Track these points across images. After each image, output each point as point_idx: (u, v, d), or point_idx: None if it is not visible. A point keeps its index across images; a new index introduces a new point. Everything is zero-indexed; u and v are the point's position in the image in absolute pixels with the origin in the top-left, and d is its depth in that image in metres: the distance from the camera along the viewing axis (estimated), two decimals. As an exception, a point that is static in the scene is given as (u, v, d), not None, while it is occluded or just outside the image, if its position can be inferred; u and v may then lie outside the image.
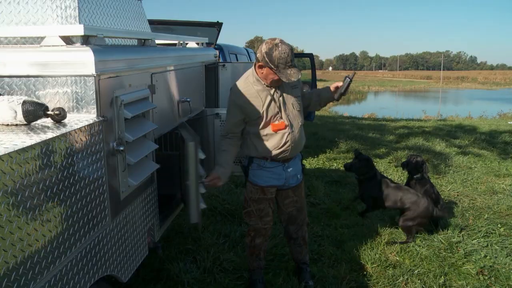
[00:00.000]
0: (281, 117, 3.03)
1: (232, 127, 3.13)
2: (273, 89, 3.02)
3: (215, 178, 3.08)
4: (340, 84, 3.19)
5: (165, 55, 3.12)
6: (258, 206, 3.25)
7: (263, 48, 2.89)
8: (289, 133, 3.05)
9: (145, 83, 2.67)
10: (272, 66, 2.86)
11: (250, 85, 3.03)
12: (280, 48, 2.83)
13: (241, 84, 3.07)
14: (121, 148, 2.25)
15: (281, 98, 3.03)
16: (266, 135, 3.05)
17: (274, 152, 3.07)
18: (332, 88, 3.26)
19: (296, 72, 2.86)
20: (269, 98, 3.00)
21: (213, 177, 3.08)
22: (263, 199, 3.22)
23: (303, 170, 3.37)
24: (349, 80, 3.16)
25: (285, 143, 3.06)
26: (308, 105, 3.37)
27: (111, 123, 2.21)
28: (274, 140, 3.05)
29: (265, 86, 3.00)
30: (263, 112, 2.99)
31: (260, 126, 3.04)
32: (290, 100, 3.08)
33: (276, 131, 3.04)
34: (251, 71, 3.07)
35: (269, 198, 3.25)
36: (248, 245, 3.43)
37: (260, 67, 2.95)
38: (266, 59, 2.86)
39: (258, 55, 2.94)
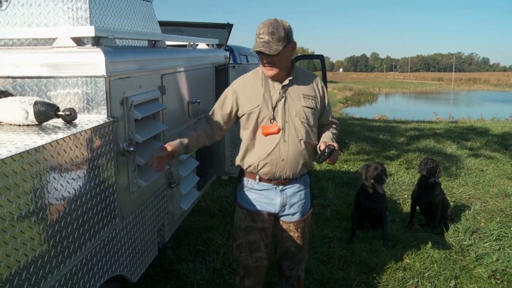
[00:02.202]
0: (274, 119, 2.52)
1: (219, 110, 2.61)
2: (277, 88, 2.54)
3: (166, 152, 2.35)
4: (322, 147, 2.50)
5: (175, 56, 3.13)
6: (247, 238, 2.70)
7: None
8: (278, 142, 2.51)
9: (155, 84, 2.68)
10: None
11: (258, 76, 2.60)
12: (262, 23, 2.42)
13: (248, 73, 2.68)
14: (131, 149, 2.26)
15: (282, 100, 2.52)
16: (255, 139, 2.57)
17: (258, 163, 2.55)
18: (319, 146, 2.59)
19: (260, 44, 2.37)
20: (268, 94, 2.53)
21: (164, 153, 2.34)
22: (252, 228, 2.68)
23: (312, 199, 2.81)
24: (326, 151, 2.43)
25: (271, 152, 2.51)
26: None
27: (121, 124, 2.22)
28: (263, 146, 2.54)
29: (272, 82, 2.55)
30: (257, 106, 2.51)
31: (252, 127, 2.55)
32: (295, 107, 2.53)
33: (266, 135, 2.52)
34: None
35: (261, 228, 2.68)
36: (237, 286, 2.91)
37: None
38: None
39: None
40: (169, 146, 2.36)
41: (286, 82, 2.54)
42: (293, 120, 2.53)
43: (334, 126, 2.80)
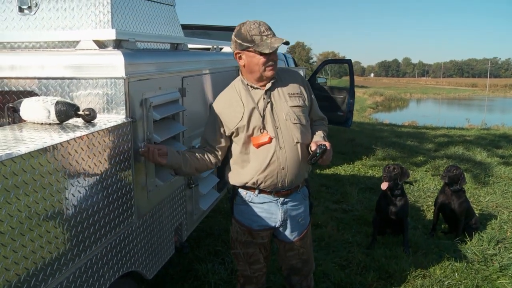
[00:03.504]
0: (264, 128, 2.39)
1: (208, 137, 2.52)
2: (260, 95, 2.43)
3: (161, 153, 2.28)
4: (313, 148, 2.39)
5: (196, 59, 3.19)
6: (246, 250, 2.62)
7: (232, 36, 2.39)
8: (274, 151, 2.37)
9: (175, 86, 2.74)
10: (248, 45, 2.29)
11: (235, 89, 2.49)
12: (246, 23, 2.33)
13: (225, 90, 2.57)
14: (149, 149, 2.31)
15: (268, 105, 2.40)
16: (249, 153, 2.44)
17: (258, 177, 2.41)
18: (310, 146, 2.45)
19: (278, 39, 2.29)
20: (251, 104, 2.40)
21: (160, 150, 2.28)
22: (251, 242, 2.59)
23: (311, 209, 2.72)
24: (318, 152, 2.33)
25: (269, 163, 2.38)
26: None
27: (140, 124, 2.28)
28: (259, 159, 2.40)
29: (252, 89, 2.44)
30: (242, 119, 2.39)
31: (242, 142, 2.42)
32: (284, 109, 2.41)
33: (258, 147, 2.38)
34: (239, 77, 2.53)
35: (259, 243, 2.60)
36: None
37: (239, 57, 2.38)
38: (238, 41, 2.32)
39: (231, 47, 2.42)
40: (166, 147, 2.35)
41: (269, 85, 2.42)
42: (284, 124, 2.40)
43: (323, 122, 2.70)
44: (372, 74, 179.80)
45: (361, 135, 11.51)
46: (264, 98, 2.42)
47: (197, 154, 2.47)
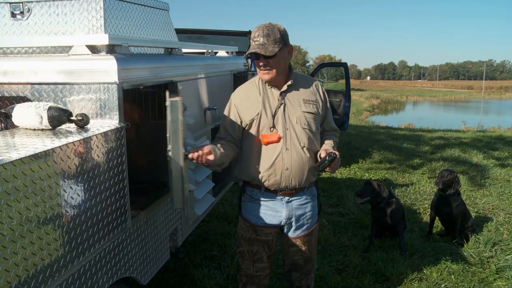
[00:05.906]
0: (274, 127, 2.46)
1: (229, 127, 2.56)
2: (276, 95, 2.49)
3: (207, 152, 2.29)
4: (322, 155, 2.43)
5: (190, 63, 3.19)
6: (250, 248, 2.65)
7: None
8: (280, 151, 2.44)
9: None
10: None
11: (255, 84, 2.55)
12: (256, 27, 2.41)
13: (244, 84, 2.66)
14: (143, 154, 2.31)
15: (282, 106, 2.46)
16: (257, 149, 2.49)
17: (262, 174, 2.48)
18: (319, 153, 2.51)
19: (256, 45, 2.34)
20: (266, 102, 2.48)
21: (205, 150, 2.29)
22: (255, 240, 2.63)
23: (319, 210, 2.74)
24: (327, 159, 2.36)
25: (274, 162, 2.45)
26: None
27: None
28: (265, 156, 2.47)
29: (269, 88, 2.51)
30: (257, 115, 2.46)
31: (251, 138, 2.50)
32: (296, 113, 2.47)
33: (267, 144, 2.45)
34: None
35: (263, 240, 2.63)
36: None
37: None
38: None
39: None
40: (209, 146, 2.35)
41: (285, 88, 2.48)
42: (294, 127, 2.45)
43: (335, 133, 2.74)
44: (368, 77, 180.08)
45: (357, 138, 11.52)
46: (278, 99, 2.49)
47: (227, 147, 2.50)
